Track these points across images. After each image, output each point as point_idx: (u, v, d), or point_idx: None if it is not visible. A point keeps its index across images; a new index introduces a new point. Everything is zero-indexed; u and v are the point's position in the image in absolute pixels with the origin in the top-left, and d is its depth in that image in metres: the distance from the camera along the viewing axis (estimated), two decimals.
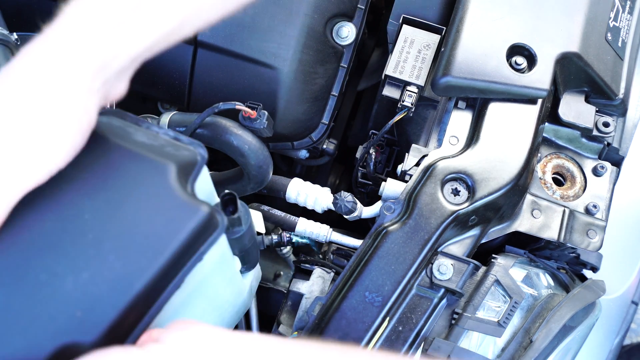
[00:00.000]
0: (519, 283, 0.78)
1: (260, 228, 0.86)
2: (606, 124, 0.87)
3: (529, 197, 0.83)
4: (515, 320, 0.76)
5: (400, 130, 0.94)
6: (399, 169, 0.83)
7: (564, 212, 0.82)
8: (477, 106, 0.84)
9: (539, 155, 0.87)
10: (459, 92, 0.83)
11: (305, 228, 0.87)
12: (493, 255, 0.79)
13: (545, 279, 0.81)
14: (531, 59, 0.82)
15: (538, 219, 0.82)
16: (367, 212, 0.84)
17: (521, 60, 0.82)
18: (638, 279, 0.97)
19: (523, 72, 0.82)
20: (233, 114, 0.78)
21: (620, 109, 0.88)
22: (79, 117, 0.49)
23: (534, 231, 0.82)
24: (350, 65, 0.93)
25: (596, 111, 0.87)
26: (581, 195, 0.86)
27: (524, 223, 0.82)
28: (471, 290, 0.76)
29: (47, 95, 0.48)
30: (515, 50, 0.83)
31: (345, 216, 0.85)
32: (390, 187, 0.80)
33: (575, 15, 0.85)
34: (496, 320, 0.74)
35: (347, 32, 0.91)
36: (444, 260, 0.75)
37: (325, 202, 0.87)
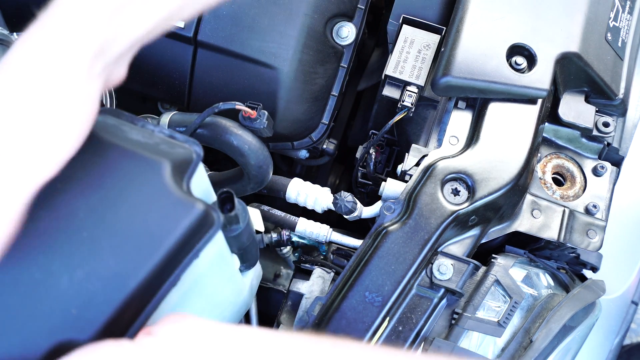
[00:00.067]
0: (519, 283, 0.78)
1: (259, 226, 0.86)
2: (606, 124, 0.87)
3: (529, 197, 0.83)
4: (515, 320, 0.76)
5: (400, 130, 0.94)
6: (399, 169, 0.83)
7: (563, 212, 0.82)
8: (477, 106, 0.84)
9: (539, 155, 0.87)
10: (459, 92, 0.83)
11: (305, 228, 0.87)
12: (493, 255, 0.79)
13: (545, 279, 0.81)
14: (531, 59, 0.82)
15: (538, 219, 0.82)
16: (367, 212, 0.84)
17: (521, 60, 0.82)
18: (638, 279, 0.97)
19: (523, 72, 0.82)
20: (233, 114, 0.78)
21: (620, 109, 0.88)
22: (81, 104, 0.48)
23: (533, 231, 0.82)
24: (350, 65, 0.93)
25: (596, 111, 0.87)
26: (581, 195, 0.86)
27: (524, 223, 0.82)
28: (471, 290, 0.76)
29: (47, 84, 0.46)
30: (515, 50, 0.83)
31: (345, 216, 0.85)
32: (390, 187, 0.80)
33: (575, 15, 0.85)
34: (496, 320, 0.74)
35: (347, 32, 0.91)
36: (444, 260, 0.75)
37: (325, 202, 0.87)
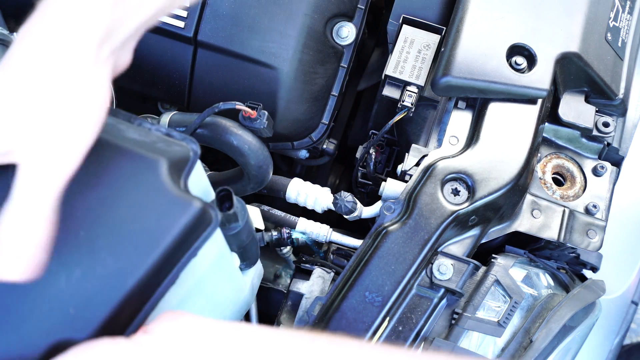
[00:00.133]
0: (519, 283, 0.78)
1: (259, 224, 0.86)
2: (606, 124, 0.87)
3: (529, 197, 0.83)
4: (515, 320, 0.76)
5: (400, 130, 0.94)
6: (399, 169, 0.83)
7: (563, 212, 0.82)
8: (477, 106, 0.84)
9: (539, 155, 0.87)
10: (459, 92, 0.83)
11: (305, 228, 0.87)
12: (493, 255, 0.79)
13: (545, 279, 0.81)
14: (531, 59, 0.82)
15: (538, 219, 0.82)
16: (367, 212, 0.84)
17: (521, 60, 0.82)
18: (638, 279, 0.97)
19: (523, 72, 0.82)
20: (233, 114, 0.78)
21: (620, 109, 0.88)
22: (96, 90, 0.47)
23: (533, 231, 0.82)
24: (350, 65, 0.93)
25: (596, 111, 0.87)
26: (581, 195, 0.86)
27: (524, 223, 0.82)
28: (471, 290, 0.76)
29: (59, 72, 0.45)
30: (515, 50, 0.83)
31: (345, 216, 0.85)
32: (390, 187, 0.80)
33: (575, 15, 0.85)
34: (496, 320, 0.74)
35: (347, 32, 0.91)
36: (444, 260, 0.75)
37: (325, 202, 0.87)
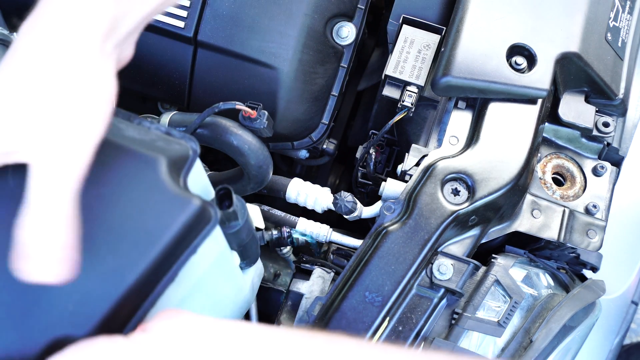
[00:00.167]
0: (519, 283, 0.78)
1: (259, 223, 0.86)
2: (606, 124, 0.87)
3: (529, 197, 0.83)
4: (515, 320, 0.76)
5: (400, 130, 0.94)
6: (399, 169, 0.83)
7: (563, 212, 0.82)
8: (477, 106, 0.84)
9: (539, 155, 0.87)
10: (459, 92, 0.83)
11: (305, 228, 0.87)
12: (493, 255, 0.79)
13: (545, 279, 0.81)
14: (531, 59, 0.82)
15: (538, 219, 0.82)
16: (367, 212, 0.84)
17: (521, 60, 0.82)
18: (638, 279, 0.97)
19: (523, 72, 0.82)
20: (233, 114, 0.78)
21: (620, 109, 0.88)
22: (103, 84, 0.47)
23: (533, 231, 0.82)
24: (350, 65, 0.93)
25: (596, 111, 0.87)
26: (581, 195, 0.86)
27: (524, 223, 0.82)
28: (471, 290, 0.76)
29: (65, 66, 0.45)
30: (515, 50, 0.83)
31: (345, 216, 0.85)
32: (390, 187, 0.80)
33: (575, 15, 0.85)
34: (496, 320, 0.74)
35: (347, 32, 0.91)
36: (444, 260, 0.75)
37: (325, 202, 0.87)
